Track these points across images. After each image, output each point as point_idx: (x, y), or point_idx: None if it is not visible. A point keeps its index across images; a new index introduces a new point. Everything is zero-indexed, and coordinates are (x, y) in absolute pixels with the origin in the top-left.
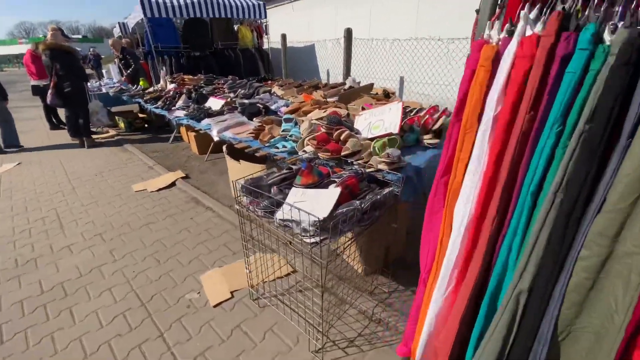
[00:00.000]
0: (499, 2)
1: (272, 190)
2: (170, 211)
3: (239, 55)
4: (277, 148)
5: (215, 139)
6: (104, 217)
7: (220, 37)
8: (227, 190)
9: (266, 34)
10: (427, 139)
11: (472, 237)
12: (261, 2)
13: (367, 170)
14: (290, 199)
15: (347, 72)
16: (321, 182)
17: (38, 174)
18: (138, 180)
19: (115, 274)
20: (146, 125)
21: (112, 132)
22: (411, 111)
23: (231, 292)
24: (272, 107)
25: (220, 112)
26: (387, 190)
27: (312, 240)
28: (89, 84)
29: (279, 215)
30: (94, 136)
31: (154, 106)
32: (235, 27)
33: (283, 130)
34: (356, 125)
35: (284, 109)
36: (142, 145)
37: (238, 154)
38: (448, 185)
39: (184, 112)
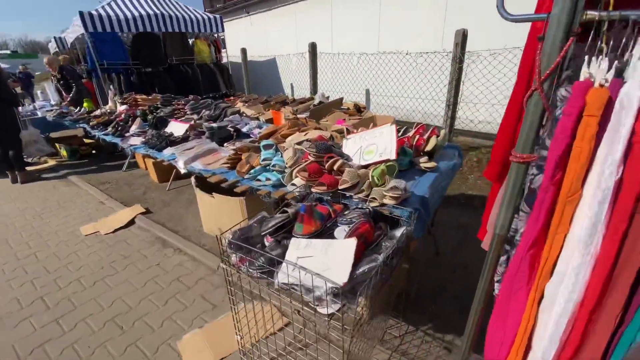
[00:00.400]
0: (572, 28)
1: (266, 243)
2: (131, 258)
3: (197, 70)
4: (260, 181)
5: (182, 171)
6: (46, 275)
7: (175, 52)
8: (197, 224)
9: (224, 48)
10: (424, 163)
11: (579, 330)
12: (217, 16)
13: (371, 205)
14: (292, 254)
15: (314, 86)
16: (324, 227)
17: None
18: (88, 221)
19: (64, 352)
20: (94, 152)
21: (51, 162)
22: (398, 131)
23: None
24: (244, 130)
25: (184, 138)
26: (400, 231)
27: (330, 310)
28: (20, 108)
29: (280, 277)
30: (29, 168)
31: (102, 132)
32: (191, 42)
33: (263, 159)
34: (345, 151)
35: (256, 132)
36: (90, 176)
37: (209, 185)
38: (537, 260)
39: (141, 139)
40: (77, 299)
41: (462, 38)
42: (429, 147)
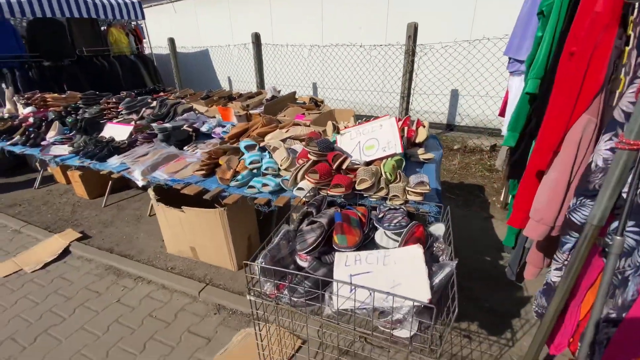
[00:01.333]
0: None
1: (300, 262)
2: (78, 298)
3: (115, 63)
4: (253, 188)
5: (140, 184)
6: None
7: (85, 42)
8: (156, 244)
9: (145, 38)
10: (422, 155)
11: None
12: (135, 1)
13: (394, 203)
14: (342, 272)
15: (260, 80)
16: (366, 235)
17: None
18: (2, 257)
19: None
20: None
21: None
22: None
23: None
24: (203, 129)
25: (131, 144)
26: (438, 229)
27: (412, 332)
28: None
29: (334, 302)
30: None
31: (9, 143)
32: (104, 29)
33: (250, 162)
34: (340, 145)
35: (219, 131)
36: None
37: (171, 196)
38: None
39: (67, 147)
40: None
41: (413, 31)
42: (420, 139)
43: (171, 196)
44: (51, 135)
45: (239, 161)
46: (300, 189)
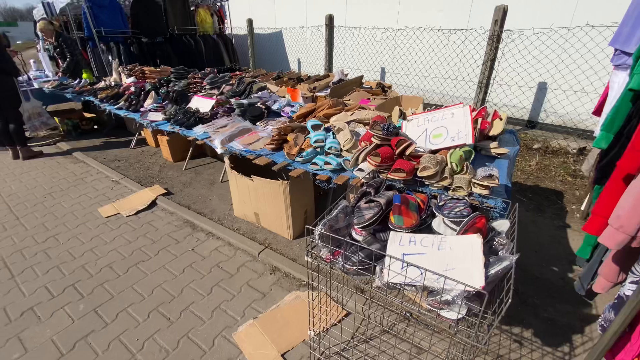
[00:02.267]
0: None
1: (355, 235)
2: (161, 242)
3: (200, 42)
4: (316, 164)
5: (219, 151)
6: (72, 259)
7: (177, 22)
8: (225, 207)
9: (227, 18)
10: (495, 149)
11: None
12: None
13: (458, 194)
14: (395, 249)
15: (329, 63)
16: (423, 220)
17: None
18: (105, 201)
19: (111, 345)
20: (96, 127)
21: (47, 135)
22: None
23: (282, 356)
24: (274, 108)
25: (213, 115)
26: (505, 226)
27: (459, 315)
28: (19, 78)
29: (385, 275)
30: (30, 144)
31: (115, 106)
32: (193, 10)
33: (315, 141)
34: (405, 131)
35: (288, 110)
36: (96, 153)
37: (242, 166)
38: None
39: (161, 115)
40: (112, 287)
41: (502, 14)
42: (495, 132)
43: (242, 166)
44: (148, 103)
45: (305, 139)
46: (361, 170)
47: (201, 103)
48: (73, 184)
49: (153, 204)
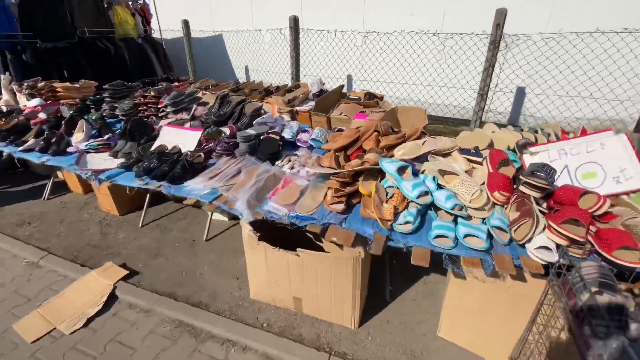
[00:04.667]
0: None
1: None
2: None
3: (122, 47)
4: (444, 238)
5: (248, 219)
6: None
7: (86, 22)
8: (229, 283)
9: (152, 18)
10: None
11: None
12: None
13: None
14: None
15: (296, 71)
16: None
17: None
18: (22, 308)
19: None
20: None
21: None
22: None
23: None
24: (286, 137)
25: (206, 155)
26: None
27: None
28: None
29: None
30: None
31: (21, 148)
32: (106, 7)
33: (418, 196)
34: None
35: (304, 137)
36: None
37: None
38: None
39: (110, 158)
40: None
41: (503, 19)
42: None
43: (264, 230)
44: (78, 138)
45: (387, 190)
46: (546, 248)
47: (178, 137)
48: None
49: (111, 298)
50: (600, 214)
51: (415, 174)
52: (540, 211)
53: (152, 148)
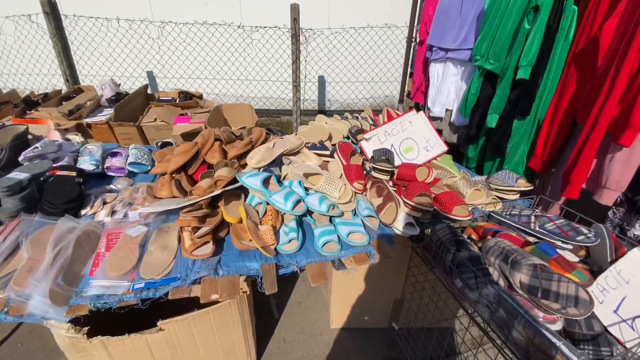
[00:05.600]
0: None
1: None
2: None
3: None
4: (331, 245)
5: (62, 321)
6: None
7: None
8: None
9: None
10: None
11: None
12: None
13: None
14: None
15: (70, 71)
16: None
17: None
18: None
19: None
20: None
21: None
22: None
23: None
24: (87, 168)
25: None
26: None
27: None
28: None
29: None
30: None
31: None
32: None
33: (294, 207)
34: (368, 153)
35: (116, 162)
36: None
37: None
38: None
39: None
40: None
41: (297, 13)
42: None
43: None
44: None
45: (255, 208)
46: (410, 225)
47: None
48: None
49: None
50: (431, 181)
51: (277, 181)
52: None
53: None
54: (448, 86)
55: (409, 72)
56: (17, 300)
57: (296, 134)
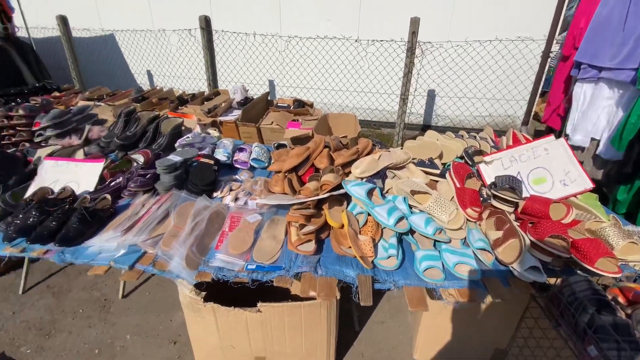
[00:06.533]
0: None
1: None
2: None
3: None
4: (437, 271)
5: (192, 283)
6: None
7: None
8: (163, 351)
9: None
10: None
11: None
12: None
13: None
14: None
15: (213, 76)
16: None
17: None
18: None
19: None
20: None
21: None
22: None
23: None
24: (221, 159)
25: (113, 195)
26: None
27: None
28: None
29: None
30: None
31: None
32: None
33: (397, 223)
34: (487, 179)
35: (241, 157)
36: None
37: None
38: None
39: None
40: None
41: (417, 27)
42: None
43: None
44: None
45: (356, 218)
46: (533, 268)
47: (68, 172)
48: None
49: None
50: (569, 222)
51: (381, 194)
52: None
53: (28, 193)
54: (598, 111)
55: (539, 91)
56: (162, 258)
57: (401, 148)
